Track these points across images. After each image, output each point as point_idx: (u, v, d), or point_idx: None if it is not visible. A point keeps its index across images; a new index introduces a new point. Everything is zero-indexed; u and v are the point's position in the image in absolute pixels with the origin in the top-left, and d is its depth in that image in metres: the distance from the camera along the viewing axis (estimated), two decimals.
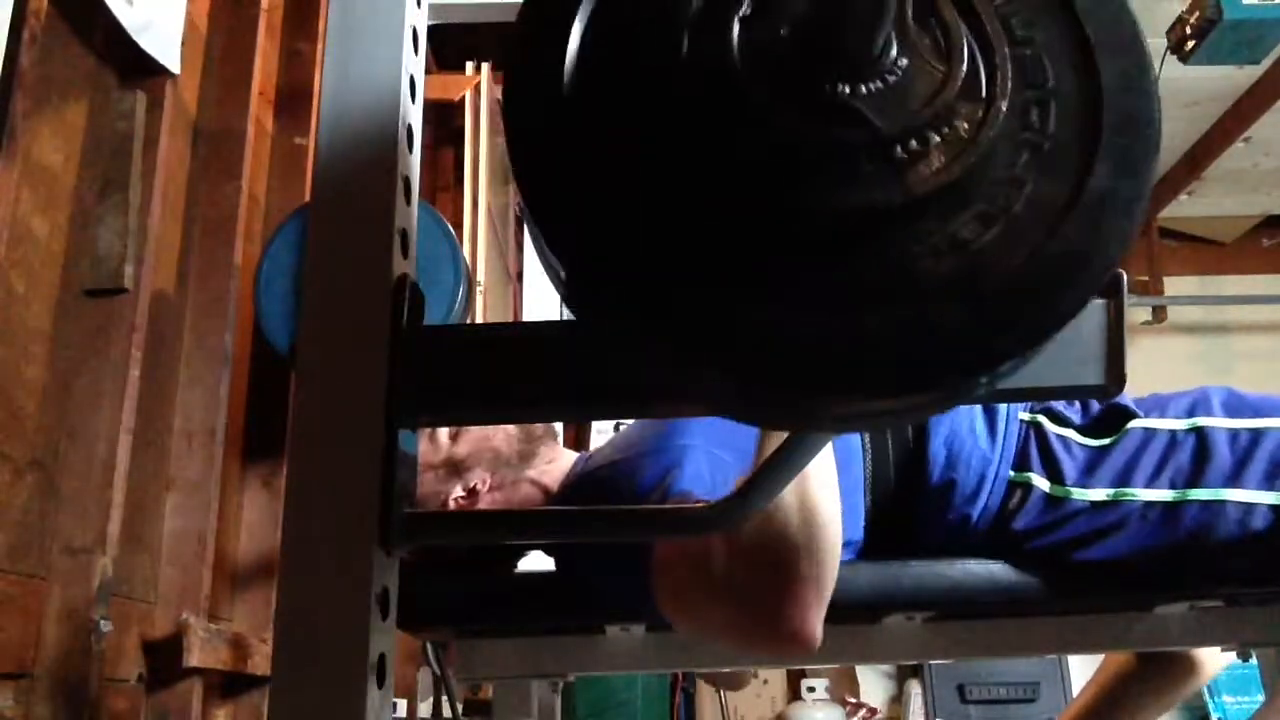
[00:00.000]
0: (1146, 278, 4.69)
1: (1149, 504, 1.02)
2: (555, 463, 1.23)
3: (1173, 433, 1.06)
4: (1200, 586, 1.05)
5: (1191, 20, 2.76)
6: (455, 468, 1.19)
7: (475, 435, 1.21)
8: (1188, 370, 4.57)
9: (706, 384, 0.51)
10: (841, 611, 1.08)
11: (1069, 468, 1.06)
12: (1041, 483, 1.06)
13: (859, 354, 0.48)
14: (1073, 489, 1.04)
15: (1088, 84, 0.52)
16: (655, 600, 0.92)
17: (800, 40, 0.49)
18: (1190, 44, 2.79)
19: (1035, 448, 1.08)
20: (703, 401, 0.54)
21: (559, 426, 1.31)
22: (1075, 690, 3.63)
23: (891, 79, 0.49)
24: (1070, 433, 1.09)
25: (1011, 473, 1.08)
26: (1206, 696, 3.67)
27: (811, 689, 4.25)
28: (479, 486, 1.18)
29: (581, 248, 0.50)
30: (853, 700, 4.31)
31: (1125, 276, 0.75)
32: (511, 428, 1.23)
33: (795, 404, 0.51)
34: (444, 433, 1.21)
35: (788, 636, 0.84)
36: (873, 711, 4.29)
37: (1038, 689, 3.74)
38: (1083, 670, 3.48)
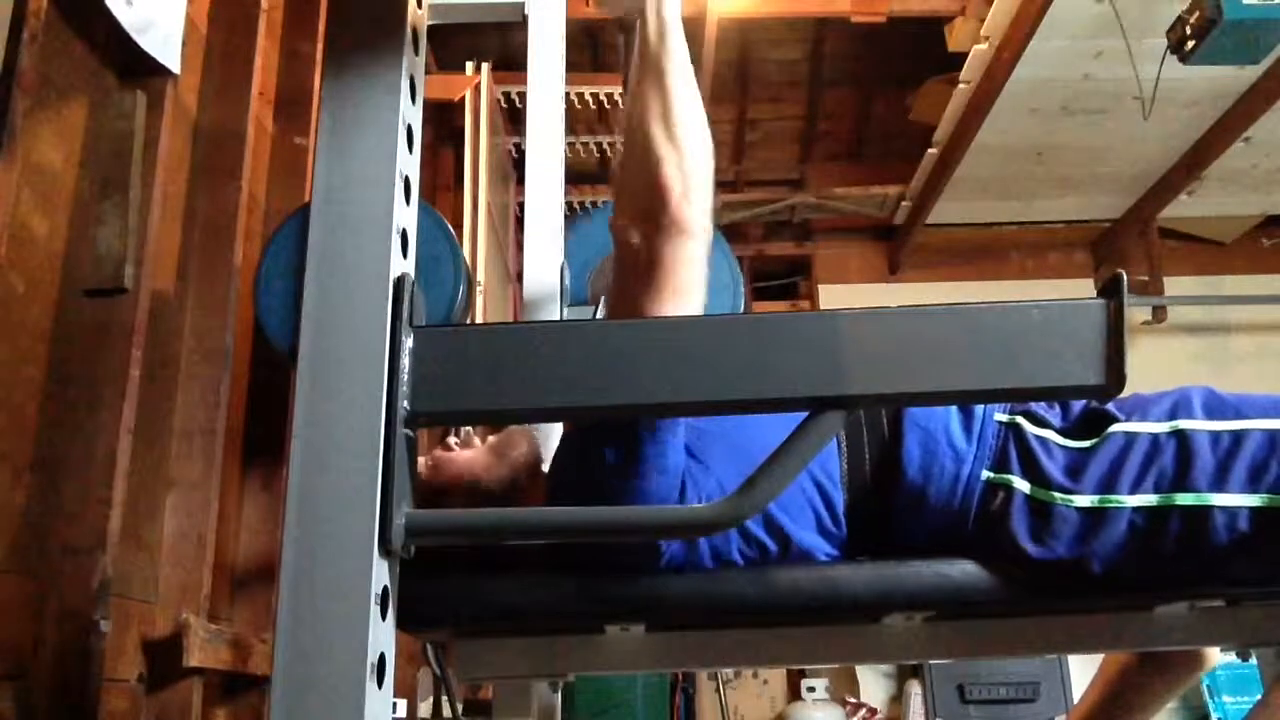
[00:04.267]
0: (1146, 278, 4.68)
1: (1136, 509, 1.01)
2: (537, 486, 1.22)
3: (1154, 436, 1.05)
4: (1200, 586, 1.05)
5: (1191, 20, 2.76)
6: (433, 498, 1.18)
7: (454, 466, 1.20)
8: (1188, 370, 4.57)
9: None
10: (841, 611, 1.09)
11: (1050, 470, 1.05)
12: (1022, 484, 1.05)
13: None
14: (1056, 493, 1.03)
15: None
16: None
17: None
18: (1190, 44, 2.78)
19: (1014, 449, 1.07)
20: None
21: (542, 450, 1.29)
22: (1075, 690, 3.63)
23: None
24: (1050, 434, 1.08)
25: (990, 474, 1.07)
26: (1206, 696, 3.67)
27: (811, 689, 4.25)
28: None
29: None
30: (853, 700, 4.31)
31: (1125, 276, 0.75)
32: (490, 456, 1.22)
33: None
34: (421, 462, 1.20)
35: (668, 219, 0.98)
36: (873, 711, 4.29)
37: (1038, 689, 3.74)
38: (1083, 670, 3.48)
